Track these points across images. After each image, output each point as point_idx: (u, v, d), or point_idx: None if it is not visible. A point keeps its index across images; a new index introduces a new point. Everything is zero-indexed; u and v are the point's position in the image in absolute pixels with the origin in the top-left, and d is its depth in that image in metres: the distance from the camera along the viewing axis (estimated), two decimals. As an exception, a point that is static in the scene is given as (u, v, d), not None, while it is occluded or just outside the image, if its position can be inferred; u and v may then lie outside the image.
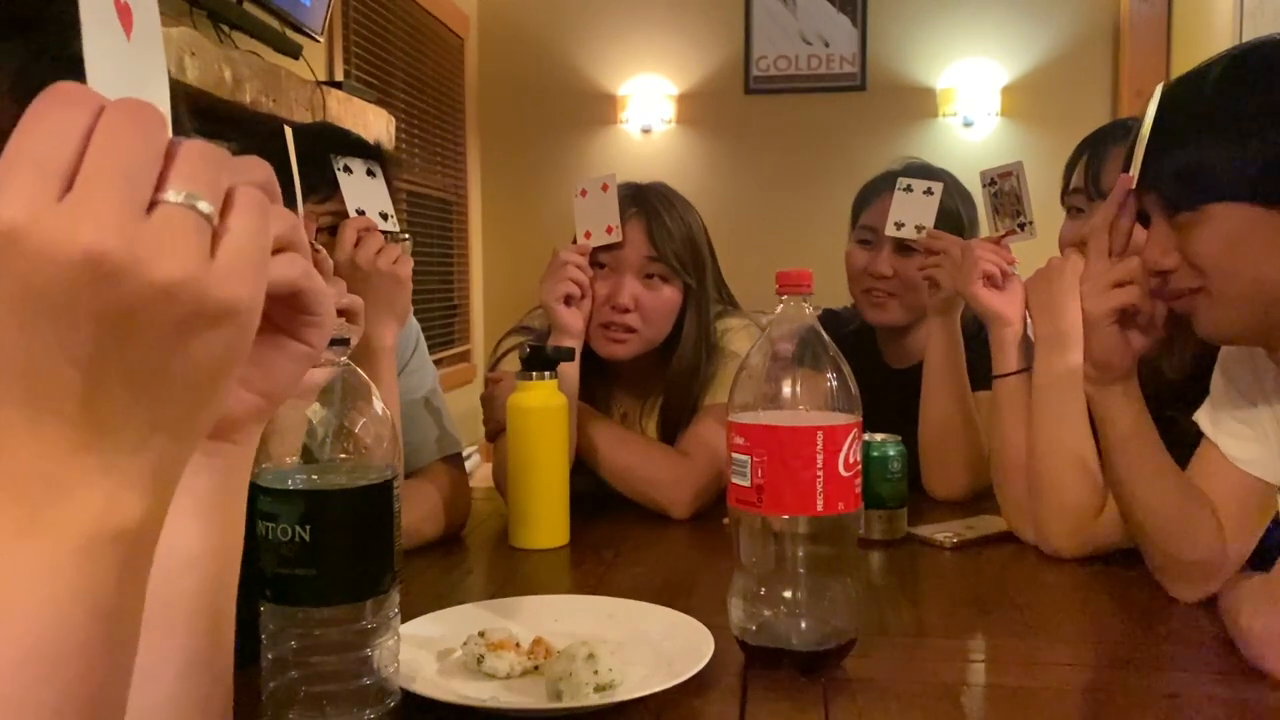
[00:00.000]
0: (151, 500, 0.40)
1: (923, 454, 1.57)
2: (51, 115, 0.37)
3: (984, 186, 1.53)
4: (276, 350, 0.52)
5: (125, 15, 0.44)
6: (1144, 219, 1.04)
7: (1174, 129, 0.98)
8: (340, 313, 1.01)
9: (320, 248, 0.89)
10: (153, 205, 0.38)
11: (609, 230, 1.47)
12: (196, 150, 0.40)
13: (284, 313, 0.51)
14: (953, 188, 1.66)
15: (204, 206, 0.39)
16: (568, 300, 1.46)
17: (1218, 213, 0.93)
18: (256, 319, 0.41)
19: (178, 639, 0.51)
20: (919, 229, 1.57)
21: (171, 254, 0.37)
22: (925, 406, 1.58)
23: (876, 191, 1.72)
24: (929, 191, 1.57)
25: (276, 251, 0.48)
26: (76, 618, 0.37)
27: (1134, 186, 1.03)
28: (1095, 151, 1.38)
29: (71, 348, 0.37)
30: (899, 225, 1.58)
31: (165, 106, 0.45)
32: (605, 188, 1.48)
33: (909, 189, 1.58)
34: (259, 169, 0.45)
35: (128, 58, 0.44)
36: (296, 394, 0.72)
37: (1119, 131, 1.35)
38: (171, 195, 0.38)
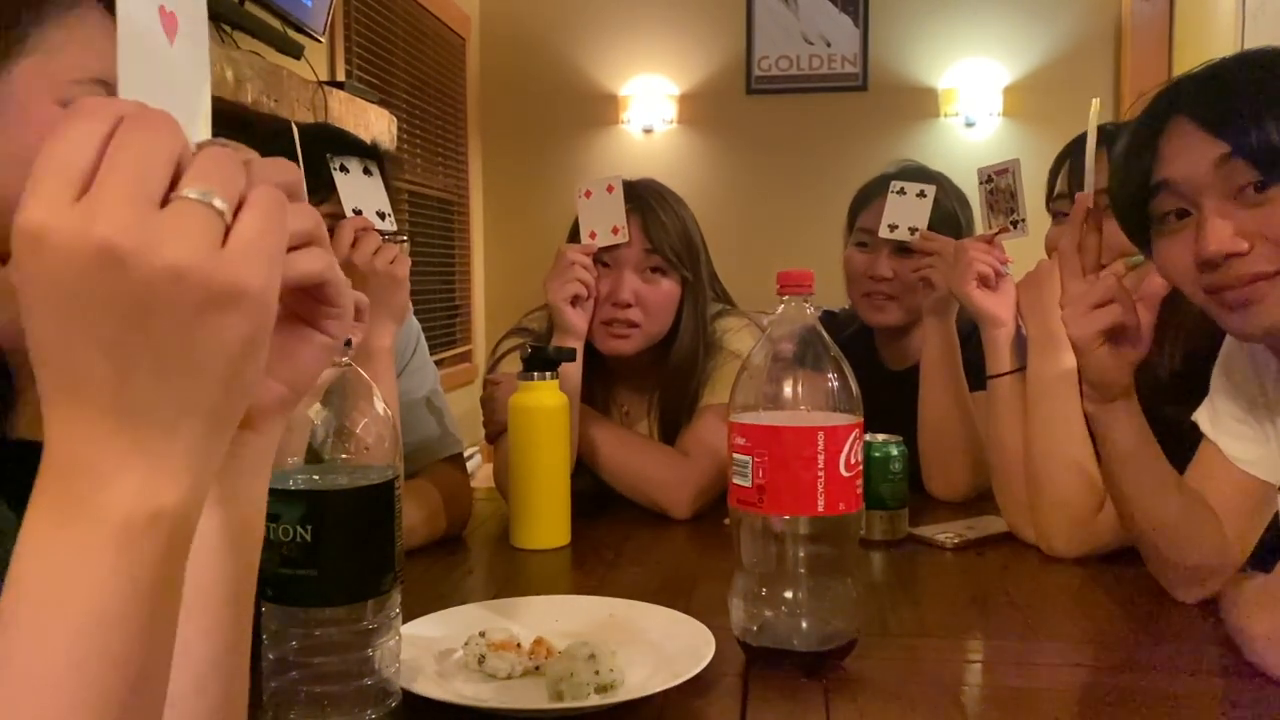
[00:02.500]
0: (188, 483, 0.42)
1: (922, 455, 1.57)
2: (73, 127, 0.41)
3: (980, 184, 1.53)
4: (301, 341, 0.55)
5: (169, 21, 0.45)
6: (1139, 227, 1.03)
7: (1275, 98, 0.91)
8: None
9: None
10: (166, 201, 0.41)
11: (615, 231, 1.48)
12: (213, 153, 0.43)
13: (307, 305, 0.54)
14: (948, 189, 1.66)
15: (217, 202, 0.42)
16: (574, 301, 1.46)
17: None
18: (271, 307, 0.43)
19: (205, 623, 0.52)
20: (912, 231, 1.57)
21: (179, 241, 0.40)
22: (923, 407, 1.58)
23: (873, 195, 1.72)
24: (922, 194, 1.57)
25: (300, 246, 0.50)
26: (119, 598, 0.40)
27: (1091, 204, 1.04)
28: (1077, 158, 1.38)
29: (98, 336, 0.40)
30: (892, 228, 1.59)
31: (206, 107, 0.48)
32: (610, 189, 1.48)
33: (902, 192, 1.58)
34: (286, 171, 0.48)
35: (169, 62, 0.46)
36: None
37: (1099, 136, 1.35)
38: (186, 192, 0.41)
